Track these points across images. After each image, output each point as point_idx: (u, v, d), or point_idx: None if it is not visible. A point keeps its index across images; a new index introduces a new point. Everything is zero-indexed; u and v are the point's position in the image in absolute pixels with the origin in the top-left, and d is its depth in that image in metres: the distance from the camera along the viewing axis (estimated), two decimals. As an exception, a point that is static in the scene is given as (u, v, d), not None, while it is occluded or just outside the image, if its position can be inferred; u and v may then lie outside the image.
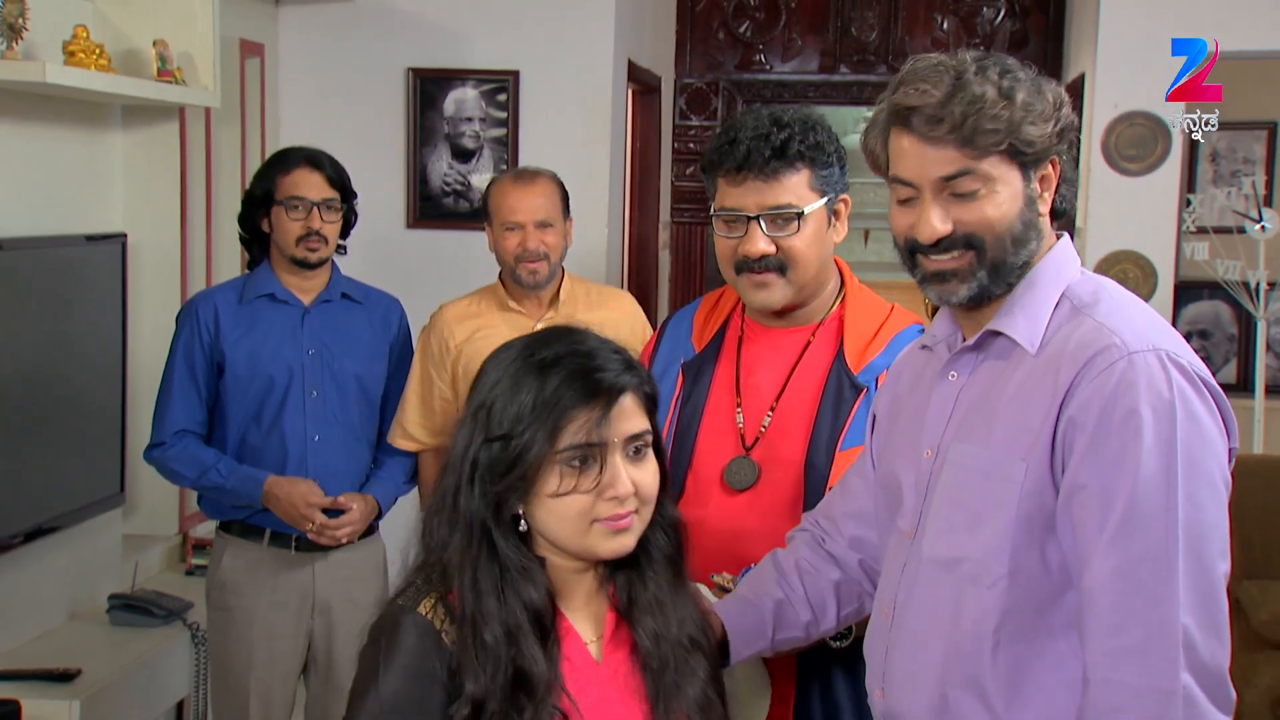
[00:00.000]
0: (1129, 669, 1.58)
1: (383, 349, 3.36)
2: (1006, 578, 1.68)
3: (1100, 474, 1.60)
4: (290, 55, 4.87)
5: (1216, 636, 1.58)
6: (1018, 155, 1.70)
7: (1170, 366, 1.61)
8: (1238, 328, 6.73)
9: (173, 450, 3.20)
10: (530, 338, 1.62)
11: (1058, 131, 1.71)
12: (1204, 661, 1.57)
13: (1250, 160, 6.79)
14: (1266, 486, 4.49)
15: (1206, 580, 1.58)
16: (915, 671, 1.77)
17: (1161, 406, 1.59)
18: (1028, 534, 1.67)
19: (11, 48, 3.07)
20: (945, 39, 6.13)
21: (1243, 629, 4.22)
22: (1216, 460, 1.62)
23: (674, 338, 2.41)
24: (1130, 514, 1.58)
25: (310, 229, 3.20)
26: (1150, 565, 1.57)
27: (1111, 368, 1.61)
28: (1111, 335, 1.64)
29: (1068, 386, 1.64)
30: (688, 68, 6.41)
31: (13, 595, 3.37)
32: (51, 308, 3.36)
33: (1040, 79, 1.73)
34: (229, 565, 3.26)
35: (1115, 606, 1.59)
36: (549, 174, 3.35)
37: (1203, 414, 1.61)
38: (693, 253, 6.49)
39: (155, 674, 3.48)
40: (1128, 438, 1.59)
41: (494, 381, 1.57)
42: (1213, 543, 1.59)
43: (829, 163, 2.17)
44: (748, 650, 1.99)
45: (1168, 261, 5.17)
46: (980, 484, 1.71)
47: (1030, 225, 1.73)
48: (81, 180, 3.68)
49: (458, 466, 1.57)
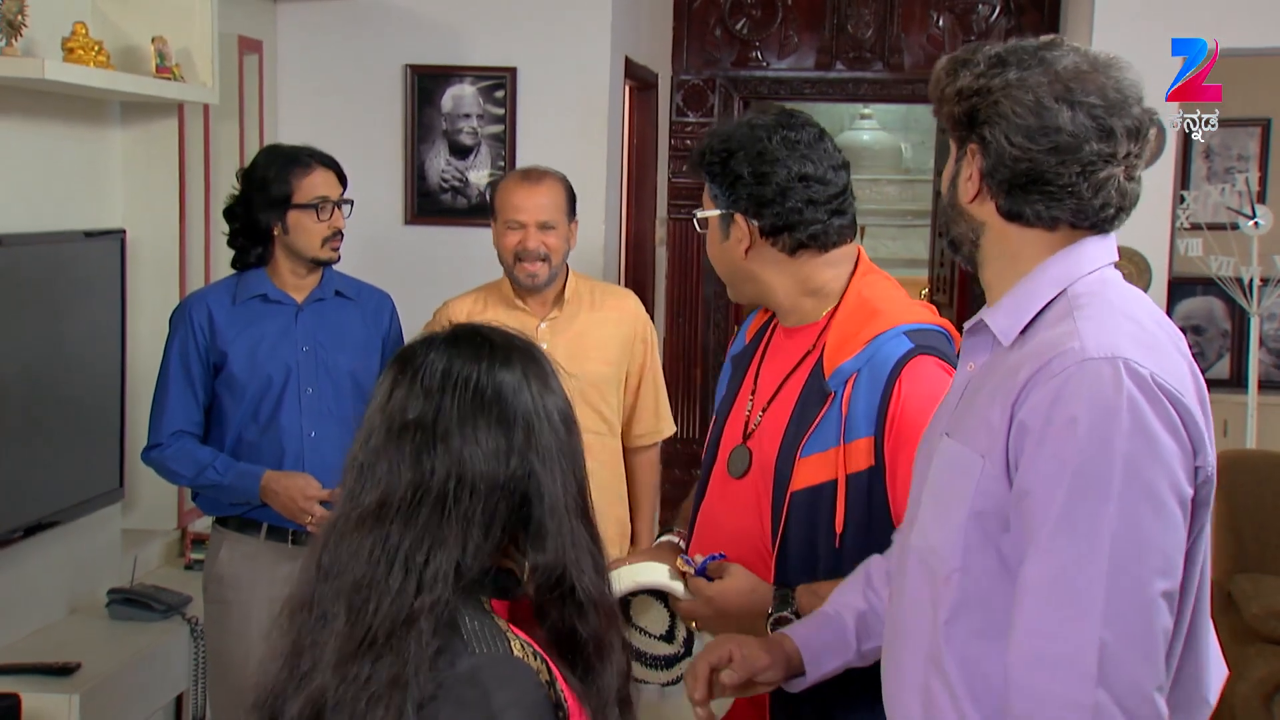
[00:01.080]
0: (1043, 677, 1.55)
1: (376, 344, 3.37)
2: (959, 572, 1.67)
3: (1039, 481, 1.58)
4: (289, 52, 4.88)
5: (1143, 655, 1.54)
6: (953, 130, 1.74)
7: (1125, 376, 1.55)
8: (1231, 323, 6.76)
9: (170, 450, 3.21)
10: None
11: (966, 111, 1.70)
12: (1123, 680, 1.53)
13: (1244, 157, 6.81)
14: (1259, 481, 4.51)
15: (1138, 597, 1.54)
16: (900, 656, 1.79)
17: (1103, 416, 1.54)
18: (981, 530, 1.65)
19: (10, 44, 3.08)
20: (940, 36, 6.15)
21: (1234, 622, 4.25)
22: (1168, 476, 1.55)
23: (741, 332, 2.47)
24: (1060, 524, 1.55)
25: (335, 228, 3.23)
26: (1075, 576, 1.54)
27: (1063, 373, 1.58)
28: (1074, 339, 1.60)
29: (1021, 387, 1.61)
30: (684, 64, 6.43)
31: (12, 590, 3.39)
32: (51, 303, 3.37)
33: (1011, 58, 1.71)
34: (226, 559, 3.27)
35: (1038, 614, 1.57)
36: (557, 175, 3.37)
37: (1156, 427, 1.55)
38: (689, 249, 6.50)
39: (154, 668, 3.50)
40: (1065, 445, 1.55)
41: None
42: (1147, 559, 1.54)
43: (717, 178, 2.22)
44: (831, 664, 1.99)
45: (1162, 258, 5.19)
46: (949, 476, 1.71)
47: (953, 204, 1.76)
48: (80, 176, 3.70)
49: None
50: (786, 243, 2.17)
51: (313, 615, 1.47)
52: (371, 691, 1.40)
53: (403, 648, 1.40)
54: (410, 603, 1.42)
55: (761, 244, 2.19)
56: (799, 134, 2.18)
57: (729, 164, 2.18)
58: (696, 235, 6.45)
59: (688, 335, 6.50)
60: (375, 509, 1.46)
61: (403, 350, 1.57)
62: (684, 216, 6.46)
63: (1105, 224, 1.71)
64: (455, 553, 1.44)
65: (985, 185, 1.72)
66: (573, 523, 1.51)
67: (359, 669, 1.41)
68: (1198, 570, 1.67)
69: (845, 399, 2.09)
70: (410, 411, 1.48)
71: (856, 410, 2.07)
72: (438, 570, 1.43)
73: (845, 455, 2.07)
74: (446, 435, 1.46)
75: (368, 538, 1.46)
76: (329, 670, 1.43)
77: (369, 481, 1.48)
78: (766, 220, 2.17)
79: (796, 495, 2.11)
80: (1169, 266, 5.28)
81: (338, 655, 1.43)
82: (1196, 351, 6.85)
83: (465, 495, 1.45)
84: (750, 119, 2.22)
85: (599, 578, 1.53)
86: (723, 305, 6.58)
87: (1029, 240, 1.72)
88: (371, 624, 1.42)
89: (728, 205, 2.20)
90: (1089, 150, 1.66)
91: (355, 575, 1.45)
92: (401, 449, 1.47)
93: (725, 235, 2.22)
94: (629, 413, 3.54)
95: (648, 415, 3.57)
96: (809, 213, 2.16)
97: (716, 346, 6.57)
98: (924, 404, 1.98)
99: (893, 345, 2.10)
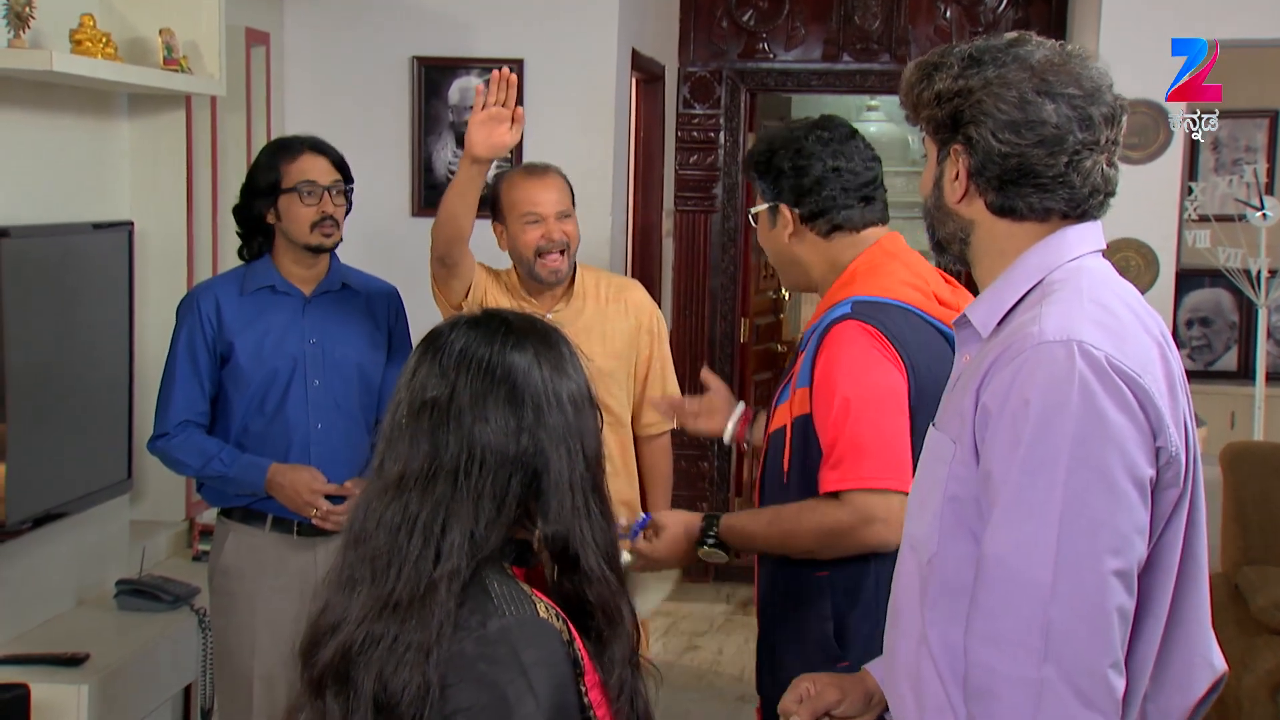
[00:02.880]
0: (993, 654, 1.59)
1: (382, 337, 3.38)
2: (937, 556, 1.71)
3: (995, 461, 1.62)
4: (295, 44, 4.89)
5: (1092, 632, 1.56)
6: (933, 134, 1.77)
7: (1079, 358, 1.59)
8: (1239, 315, 6.75)
9: (176, 440, 3.22)
10: None
11: (948, 113, 1.73)
12: (1071, 656, 1.55)
13: (1252, 148, 6.80)
14: (1266, 473, 4.50)
15: (1088, 575, 1.56)
16: (894, 641, 1.82)
17: (1054, 397, 1.58)
18: (955, 515, 1.69)
19: (19, 36, 3.08)
20: (948, 27, 6.13)
21: (1241, 614, 4.24)
22: (1121, 456, 1.57)
23: None
24: (1012, 503, 1.59)
25: (324, 213, 3.22)
26: (1023, 554, 1.57)
27: (1020, 356, 1.62)
28: (1034, 324, 1.64)
29: (985, 372, 1.66)
30: (691, 56, 6.42)
31: (21, 581, 3.40)
32: (58, 295, 3.38)
33: (985, 57, 1.73)
34: (232, 550, 3.28)
35: (990, 591, 1.60)
36: (556, 168, 3.38)
37: (1108, 408, 1.57)
38: (696, 240, 6.50)
39: (163, 658, 3.51)
40: (1019, 427, 1.59)
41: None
42: (1098, 537, 1.56)
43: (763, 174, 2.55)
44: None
45: (1169, 249, 5.18)
46: (930, 464, 1.76)
47: (939, 206, 1.79)
48: (88, 168, 3.70)
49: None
50: (823, 227, 2.50)
51: (342, 578, 1.59)
52: (400, 654, 1.50)
53: (426, 615, 1.51)
54: (430, 571, 1.53)
55: (802, 229, 2.51)
56: (831, 133, 2.51)
57: (772, 161, 2.52)
58: (704, 227, 6.48)
59: (695, 327, 6.50)
60: (397, 480, 1.57)
61: (432, 330, 1.66)
62: (691, 209, 6.47)
63: (1095, 210, 1.76)
64: (469, 524, 1.54)
65: (973, 184, 1.75)
66: (578, 498, 1.59)
67: (384, 628, 1.52)
68: (1175, 555, 1.68)
69: (800, 356, 2.44)
70: (430, 390, 1.58)
71: (804, 364, 2.41)
72: (454, 541, 1.53)
73: (793, 402, 2.41)
74: (460, 413, 1.56)
75: (390, 507, 1.56)
76: (354, 624, 1.54)
77: (393, 454, 1.58)
78: (806, 208, 2.49)
79: (771, 437, 2.47)
80: (1177, 258, 5.27)
81: (363, 611, 1.54)
82: (1204, 343, 6.84)
83: (475, 470, 1.55)
84: (790, 124, 2.58)
85: (604, 550, 1.61)
86: (729, 297, 6.58)
87: (1018, 234, 1.76)
88: (394, 587, 1.53)
89: (773, 198, 2.53)
90: (1073, 140, 1.70)
91: (379, 542, 1.56)
92: (420, 425, 1.57)
93: (773, 224, 2.55)
94: (638, 402, 3.54)
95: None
96: (842, 199, 2.49)
97: (723, 338, 6.56)
98: (831, 362, 2.33)
99: (837, 310, 2.41)
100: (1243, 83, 6.01)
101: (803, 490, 2.36)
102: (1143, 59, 4.88)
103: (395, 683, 1.50)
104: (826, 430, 2.32)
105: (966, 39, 1.86)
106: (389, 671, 1.50)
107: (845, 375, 2.31)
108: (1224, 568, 4.52)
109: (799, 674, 2.09)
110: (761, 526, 2.43)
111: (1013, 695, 1.57)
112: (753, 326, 6.93)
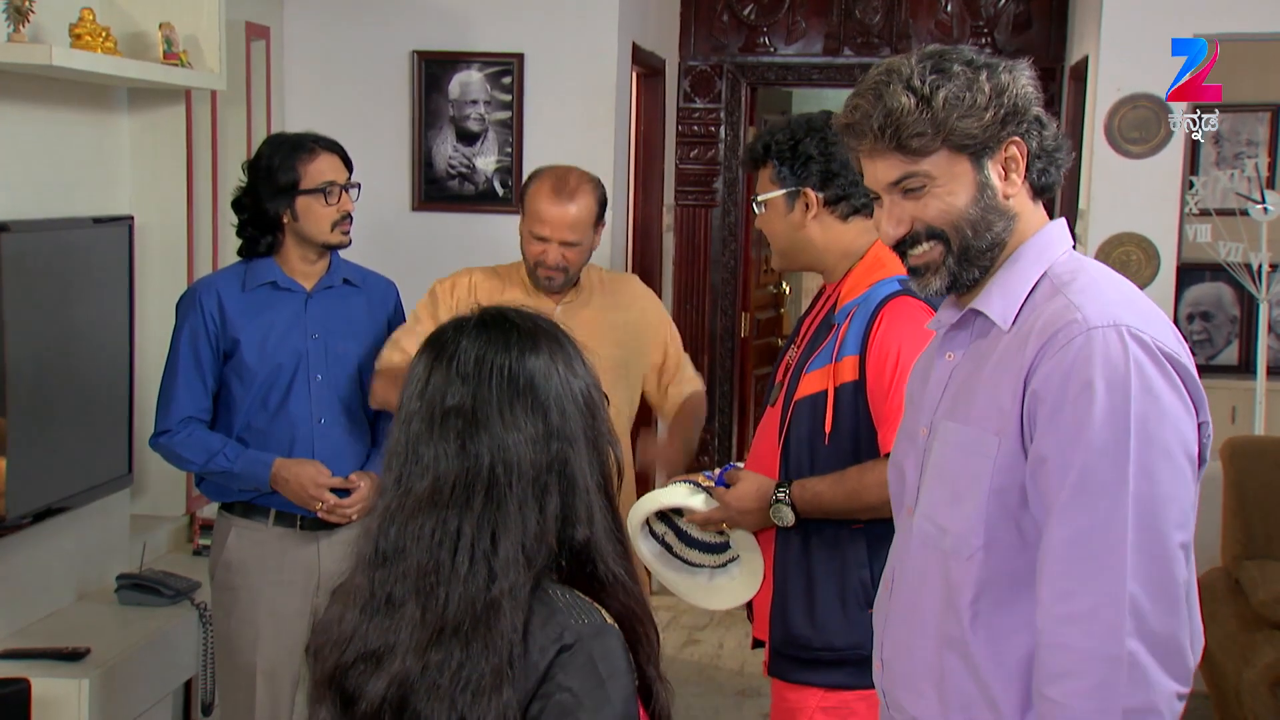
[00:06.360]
0: (1075, 634, 1.63)
1: (382, 332, 3.38)
2: (983, 550, 1.74)
3: (1057, 446, 1.65)
4: (295, 38, 4.88)
5: (1169, 605, 1.62)
6: (962, 148, 1.76)
7: (1130, 341, 1.65)
8: (1240, 309, 6.74)
9: (179, 437, 3.22)
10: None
11: (1001, 118, 1.76)
12: (1153, 629, 1.61)
13: (1253, 142, 6.79)
14: (1267, 467, 4.51)
15: (1160, 550, 1.62)
16: (910, 640, 1.84)
17: (1115, 379, 1.63)
18: (1002, 507, 1.72)
19: (18, 30, 3.08)
20: (949, 22, 6.11)
21: (1242, 609, 4.25)
22: (1176, 433, 1.64)
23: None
24: (1082, 484, 1.63)
25: (344, 212, 3.23)
26: (1100, 534, 1.62)
27: (1071, 343, 1.66)
28: (1075, 311, 1.69)
29: (1031, 361, 1.69)
30: (692, 50, 6.41)
31: (22, 575, 3.40)
32: (59, 290, 3.38)
33: (985, 69, 1.77)
34: (234, 545, 3.28)
35: (1065, 573, 1.64)
36: (591, 185, 3.30)
37: (1162, 388, 1.64)
38: (696, 235, 6.50)
39: (163, 653, 3.51)
40: (1081, 410, 1.63)
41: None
42: (1167, 514, 1.62)
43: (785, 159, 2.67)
44: None
45: (1170, 244, 5.17)
46: (960, 459, 1.77)
47: (990, 210, 1.79)
48: (88, 163, 3.70)
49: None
50: (844, 211, 2.64)
51: (374, 599, 1.52)
52: (473, 682, 1.46)
53: (493, 637, 1.46)
54: (484, 589, 1.48)
55: (823, 212, 2.64)
56: None
57: (798, 147, 2.64)
58: (704, 222, 6.48)
59: (695, 321, 6.49)
60: (429, 494, 1.52)
61: (434, 334, 1.61)
62: (691, 203, 6.46)
63: (1045, 190, 1.86)
64: (518, 536, 1.50)
65: (1027, 174, 1.81)
66: (597, 504, 1.56)
67: (443, 655, 1.47)
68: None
69: (844, 329, 2.55)
70: (450, 398, 1.53)
71: (850, 335, 2.52)
72: (507, 555, 1.49)
73: (835, 370, 2.52)
74: (487, 422, 1.52)
75: (426, 523, 1.51)
76: (410, 655, 1.48)
77: (417, 467, 1.52)
78: (831, 191, 2.63)
79: (800, 403, 2.57)
80: (1177, 252, 5.26)
81: (415, 641, 1.48)
82: (1204, 338, 6.84)
83: (514, 480, 1.51)
84: (802, 115, 2.70)
85: (619, 559, 1.58)
86: (729, 292, 6.58)
87: (1033, 218, 1.83)
88: (445, 610, 1.48)
89: (797, 183, 2.64)
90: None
91: (419, 560, 1.50)
92: (446, 435, 1.52)
93: (790, 209, 2.66)
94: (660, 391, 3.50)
95: (680, 377, 3.53)
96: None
97: (723, 332, 6.56)
98: (895, 332, 2.46)
99: (885, 286, 2.53)
100: (1244, 77, 6.01)
101: (851, 452, 2.51)
102: (1144, 53, 4.88)
103: (474, 713, 1.45)
104: (888, 396, 2.44)
105: (968, 33, 1.89)
106: (464, 702, 1.45)
107: (908, 343, 2.39)
108: (1224, 562, 4.52)
109: (836, 614, 2.43)
110: (828, 485, 2.52)
111: (1098, 672, 1.60)
112: (753, 321, 6.93)
